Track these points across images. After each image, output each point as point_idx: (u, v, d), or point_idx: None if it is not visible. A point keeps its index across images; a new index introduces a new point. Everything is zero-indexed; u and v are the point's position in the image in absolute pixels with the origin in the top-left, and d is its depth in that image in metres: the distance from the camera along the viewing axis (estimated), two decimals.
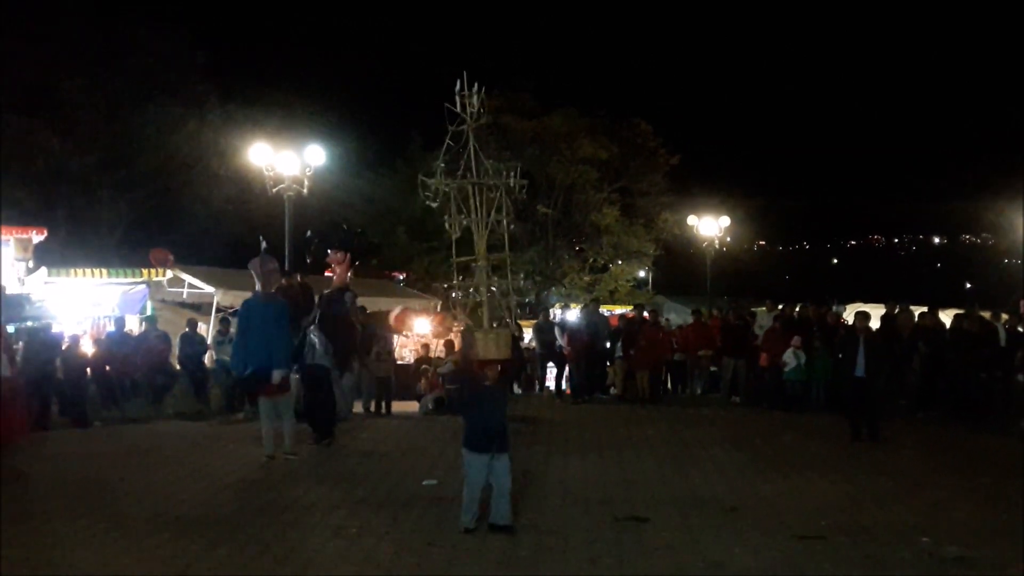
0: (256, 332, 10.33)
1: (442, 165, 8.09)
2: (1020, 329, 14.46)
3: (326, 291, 11.84)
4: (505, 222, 8.18)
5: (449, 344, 16.61)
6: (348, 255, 12.14)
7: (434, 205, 8.08)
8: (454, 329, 17.84)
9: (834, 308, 18.63)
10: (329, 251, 12.20)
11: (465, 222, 8.07)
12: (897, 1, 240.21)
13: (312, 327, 11.23)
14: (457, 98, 7.92)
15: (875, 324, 14.64)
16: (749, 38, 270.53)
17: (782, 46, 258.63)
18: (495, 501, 7.37)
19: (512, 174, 8.05)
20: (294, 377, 11.30)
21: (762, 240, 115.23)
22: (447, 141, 8.01)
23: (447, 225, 8.21)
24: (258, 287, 10.58)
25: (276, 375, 10.27)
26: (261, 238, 10.94)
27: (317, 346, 11.32)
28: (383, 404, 14.92)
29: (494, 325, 7.90)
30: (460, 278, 8.76)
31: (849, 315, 16.97)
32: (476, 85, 7.87)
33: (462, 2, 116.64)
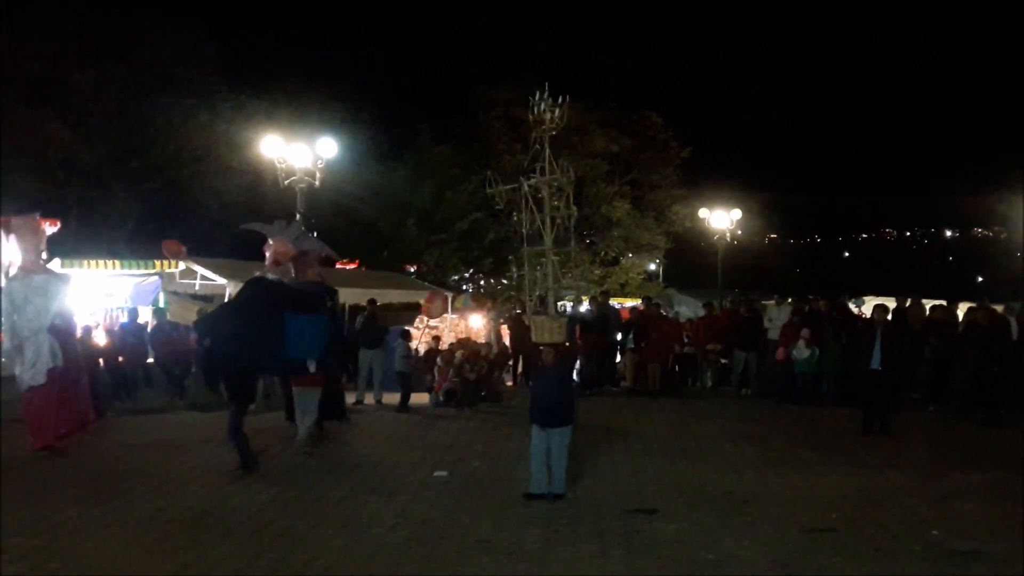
0: (290, 320, 9.87)
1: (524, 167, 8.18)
2: None
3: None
4: (574, 217, 8.25)
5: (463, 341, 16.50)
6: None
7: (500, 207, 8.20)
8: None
9: (851, 303, 18.45)
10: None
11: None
12: None
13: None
14: (534, 108, 8.16)
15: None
16: (763, 31, 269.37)
17: (796, 40, 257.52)
18: (552, 471, 8.15)
19: (567, 172, 8.14)
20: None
21: (773, 233, 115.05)
22: (533, 145, 8.30)
23: (522, 221, 8.45)
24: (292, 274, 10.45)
25: (310, 366, 10.10)
26: (300, 223, 10.42)
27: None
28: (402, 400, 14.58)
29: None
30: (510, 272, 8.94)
31: (867, 308, 16.87)
32: (559, 97, 8.01)
33: None
